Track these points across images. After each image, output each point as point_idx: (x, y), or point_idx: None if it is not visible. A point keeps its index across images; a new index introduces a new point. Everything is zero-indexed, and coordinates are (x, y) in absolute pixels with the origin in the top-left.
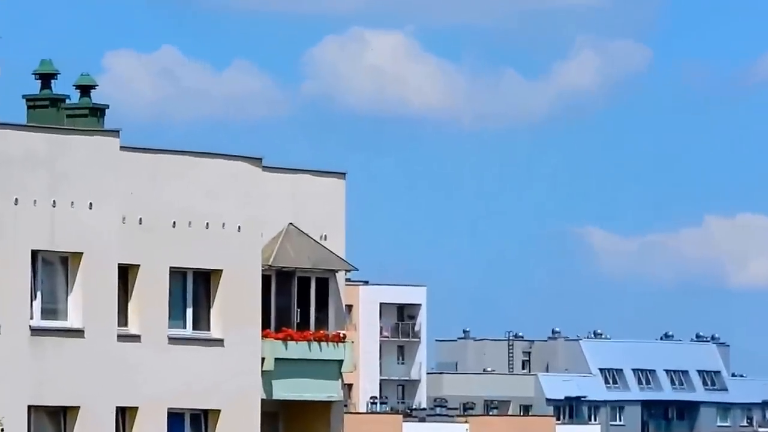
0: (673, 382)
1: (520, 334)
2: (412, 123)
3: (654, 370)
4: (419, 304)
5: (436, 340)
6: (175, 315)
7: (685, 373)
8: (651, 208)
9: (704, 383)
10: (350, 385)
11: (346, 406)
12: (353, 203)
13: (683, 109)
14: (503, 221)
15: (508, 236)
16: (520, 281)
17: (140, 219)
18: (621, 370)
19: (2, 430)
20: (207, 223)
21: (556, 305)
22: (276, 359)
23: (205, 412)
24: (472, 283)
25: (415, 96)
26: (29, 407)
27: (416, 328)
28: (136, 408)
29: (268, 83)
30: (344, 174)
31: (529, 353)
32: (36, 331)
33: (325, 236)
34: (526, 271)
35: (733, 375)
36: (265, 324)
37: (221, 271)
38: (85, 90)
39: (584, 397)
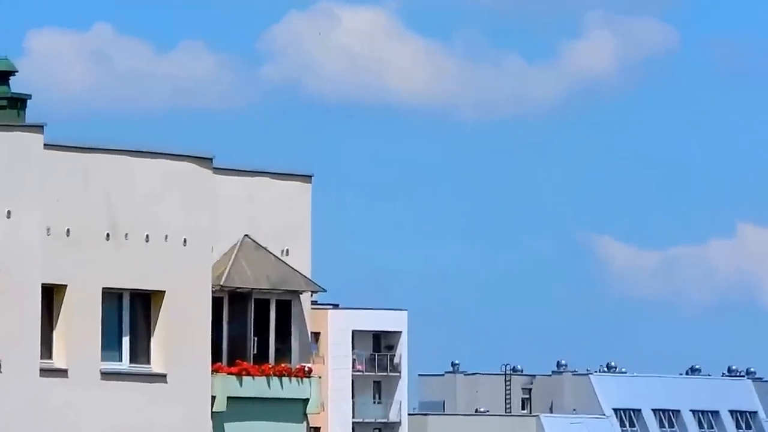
0: (701, 425)
1: (519, 367)
2: (394, 115)
3: (678, 411)
4: (399, 332)
5: (420, 375)
6: (109, 345)
7: (716, 414)
8: (675, 215)
9: (738, 426)
10: (317, 429)
11: None
12: (321, 211)
13: (714, 99)
14: (500, 231)
15: (505, 249)
16: (519, 304)
17: (68, 230)
18: (639, 410)
19: None
20: (147, 236)
21: (561, 333)
22: (229, 398)
23: None
24: (463, 306)
25: (397, 84)
26: None
27: (396, 361)
28: None
29: (221, 67)
30: (310, 177)
31: (530, 390)
32: None
33: (288, 251)
34: (527, 292)
35: None
36: (216, 356)
37: (164, 292)
38: (3, 76)
39: None
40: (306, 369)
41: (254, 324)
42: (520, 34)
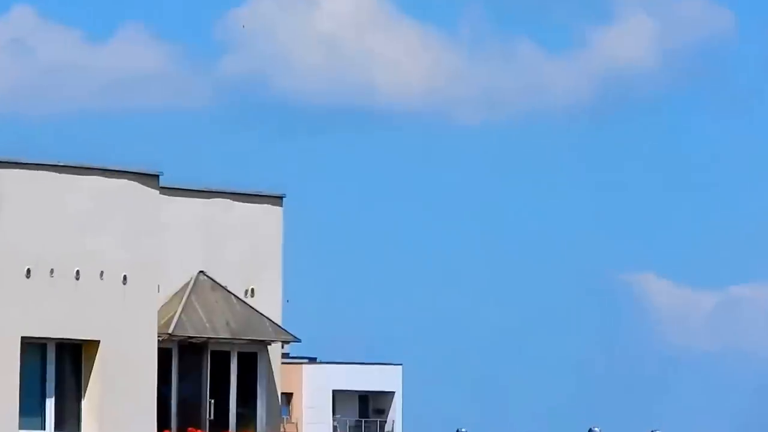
0: None
1: None
2: (383, 119)
3: None
4: (391, 393)
5: None
6: (30, 408)
7: None
8: (734, 246)
9: None
10: None
11: None
12: (294, 241)
13: None
14: (513, 266)
15: (520, 289)
16: (539, 358)
17: None
18: None
19: None
20: (77, 272)
21: (593, 394)
22: None
23: None
24: (469, 361)
25: (388, 80)
26: None
27: (387, 428)
28: None
29: (169, 60)
30: (281, 198)
31: None
32: None
33: (253, 290)
34: (548, 343)
35: None
36: (163, 422)
37: (98, 343)
38: None
39: None
40: None
41: (211, 382)
42: (537, 19)
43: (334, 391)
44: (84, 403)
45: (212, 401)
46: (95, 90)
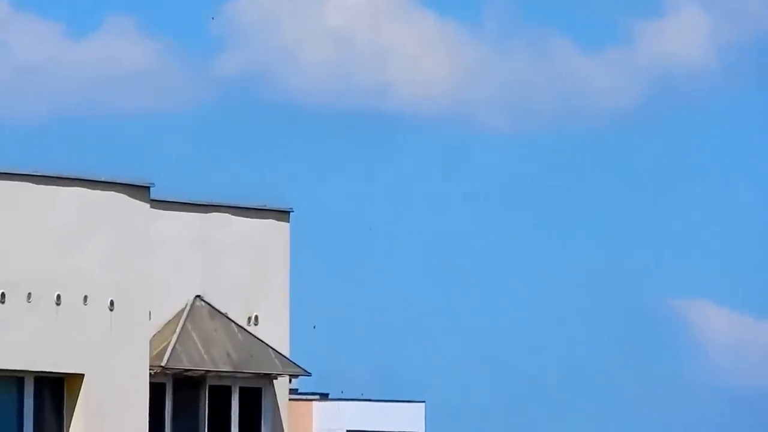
0: None
1: None
2: (399, 123)
3: None
4: None
5: None
6: None
7: None
8: None
9: None
10: None
11: None
12: (303, 260)
13: None
14: (550, 292)
15: (558, 317)
16: (577, 393)
17: None
18: None
19: None
20: (57, 296)
21: None
22: None
23: None
24: (499, 399)
25: (404, 81)
26: None
27: None
28: None
29: (162, 55)
30: (288, 212)
31: None
32: None
33: (256, 317)
34: (589, 377)
35: None
36: None
37: (82, 377)
38: None
39: None
40: None
41: (209, 421)
42: (573, 11)
43: None
44: None
45: None
46: (77, 90)
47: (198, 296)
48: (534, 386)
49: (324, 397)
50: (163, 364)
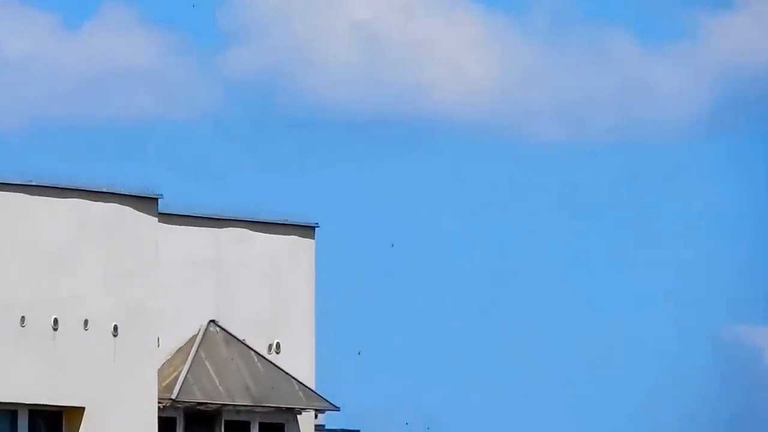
0: None
1: None
2: (437, 132)
3: None
4: None
5: None
6: None
7: None
8: None
9: None
10: None
11: None
12: (329, 281)
13: None
14: (615, 324)
15: (631, 352)
16: (635, 426)
17: None
18: None
19: None
20: (55, 320)
21: None
22: None
23: None
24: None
25: (443, 82)
26: None
27: None
28: None
29: (164, 54)
30: (313, 228)
31: None
32: None
33: (278, 345)
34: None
35: None
36: None
37: (82, 410)
38: None
39: None
40: None
41: None
42: (635, 4)
43: None
44: None
45: None
46: (74, 90)
47: (212, 321)
48: (592, 419)
49: None
50: (173, 396)
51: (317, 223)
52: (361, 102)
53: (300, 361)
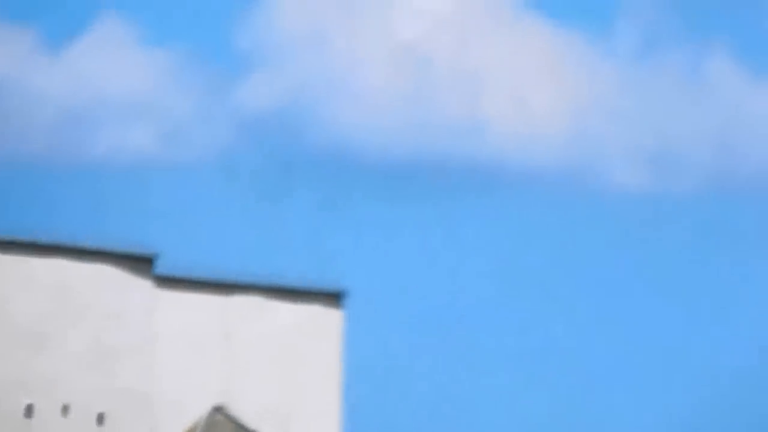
0: None
1: None
2: (496, 178)
3: None
4: None
5: None
6: None
7: None
8: None
9: None
10: None
11: None
12: (361, 361)
13: None
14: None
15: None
16: None
17: None
18: None
19: None
20: (28, 406)
21: None
22: None
23: None
24: None
25: (505, 118)
26: None
27: None
28: None
29: (166, 76)
30: (340, 296)
31: None
32: None
33: None
34: None
35: None
36: None
37: None
38: None
39: None
40: None
41: None
42: (739, 25)
43: None
44: None
45: None
46: (53, 121)
47: (218, 407)
48: None
49: None
50: None
51: (345, 291)
52: (405, 141)
53: None
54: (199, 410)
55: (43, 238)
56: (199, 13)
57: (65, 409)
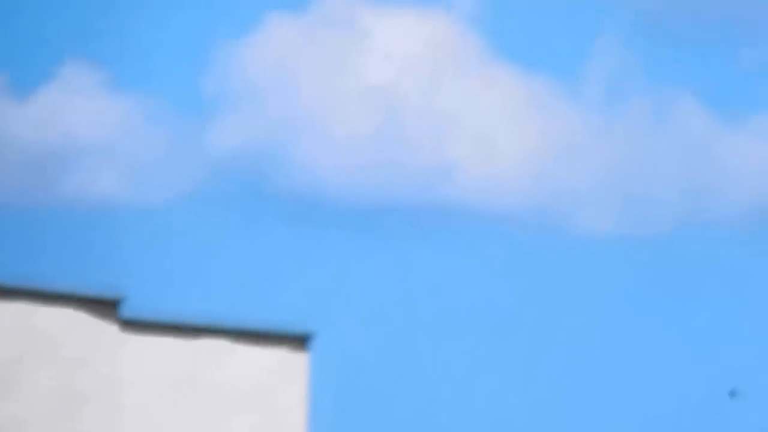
0: None
1: None
2: (462, 221)
3: None
4: None
5: None
6: None
7: None
8: None
9: None
10: None
11: None
12: (329, 407)
13: None
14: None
15: None
16: None
17: None
18: None
19: None
20: None
21: None
22: None
23: None
24: None
25: (471, 161)
26: None
27: None
28: None
29: (134, 120)
30: (305, 339)
31: None
32: None
33: None
34: None
35: None
36: None
37: None
38: None
39: None
40: None
41: None
42: (702, 67)
43: None
44: None
45: None
46: (17, 166)
47: None
48: None
49: None
50: None
51: (311, 333)
52: (373, 184)
53: None
54: None
55: (8, 281)
56: (168, 56)
57: None
